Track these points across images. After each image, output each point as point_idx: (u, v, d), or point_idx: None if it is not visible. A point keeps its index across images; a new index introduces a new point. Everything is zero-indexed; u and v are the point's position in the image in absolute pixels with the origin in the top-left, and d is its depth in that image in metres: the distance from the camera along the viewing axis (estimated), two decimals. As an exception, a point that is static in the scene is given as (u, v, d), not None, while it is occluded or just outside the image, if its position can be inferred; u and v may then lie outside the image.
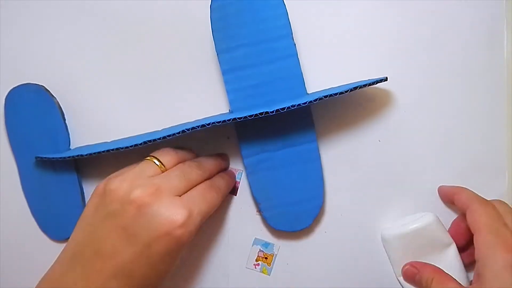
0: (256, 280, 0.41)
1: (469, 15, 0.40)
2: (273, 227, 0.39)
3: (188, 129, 0.35)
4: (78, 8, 0.41)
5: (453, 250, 0.38)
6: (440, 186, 0.40)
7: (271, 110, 0.35)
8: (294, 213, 0.39)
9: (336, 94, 0.35)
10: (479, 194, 0.38)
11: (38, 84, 0.41)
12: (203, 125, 0.35)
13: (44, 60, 0.42)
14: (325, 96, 0.35)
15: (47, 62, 0.42)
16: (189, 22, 0.40)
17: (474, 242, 0.35)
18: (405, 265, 0.38)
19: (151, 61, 0.41)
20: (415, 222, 0.38)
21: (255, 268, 0.41)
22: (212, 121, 0.35)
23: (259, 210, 0.40)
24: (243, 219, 0.41)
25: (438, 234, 0.38)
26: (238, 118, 0.35)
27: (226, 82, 0.38)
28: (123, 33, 0.41)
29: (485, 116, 0.40)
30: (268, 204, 0.39)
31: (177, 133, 0.36)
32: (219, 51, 0.37)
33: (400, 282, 0.40)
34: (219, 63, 0.37)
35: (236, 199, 0.41)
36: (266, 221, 0.40)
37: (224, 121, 0.35)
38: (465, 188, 0.39)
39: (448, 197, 0.39)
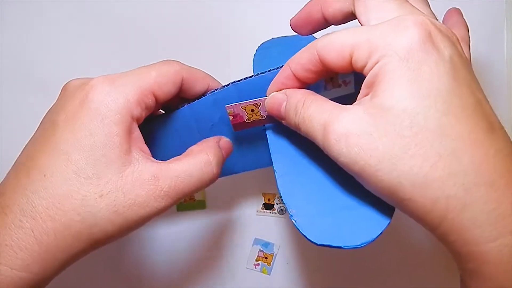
0: (256, 280, 0.41)
1: (469, 15, 0.40)
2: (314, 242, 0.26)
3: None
4: (79, 8, 0.41)
5: None
6: None
7: None
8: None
9: None
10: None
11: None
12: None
13: (44, 60, 0.42)
14: None
15: (47, 62, 0.42)
16: (192, 23, 0.40)
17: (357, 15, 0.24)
18: (270, 96, 0.27)
19: (151, 61, 0.41)
20: None
21: (255, 268, 0.41)
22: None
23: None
24: (243, 219, 0.41)
25: None
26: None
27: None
28: (123, 33, 0.41)
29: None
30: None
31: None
32: None
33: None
34: None
35: (236, 199, 0.41)
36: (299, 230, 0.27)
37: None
38: None
39: None
